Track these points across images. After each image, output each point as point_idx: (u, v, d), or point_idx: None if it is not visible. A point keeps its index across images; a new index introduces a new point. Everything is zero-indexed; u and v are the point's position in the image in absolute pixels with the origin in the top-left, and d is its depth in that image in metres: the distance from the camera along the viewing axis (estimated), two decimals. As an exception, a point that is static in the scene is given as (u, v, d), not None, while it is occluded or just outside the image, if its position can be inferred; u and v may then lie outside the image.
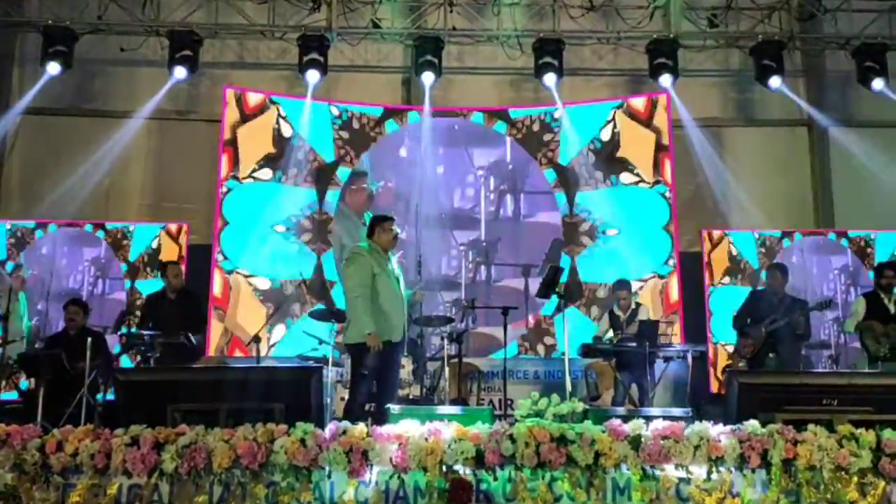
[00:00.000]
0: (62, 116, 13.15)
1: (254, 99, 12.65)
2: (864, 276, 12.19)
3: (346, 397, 7.96)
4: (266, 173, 12.50)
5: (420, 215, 11.78)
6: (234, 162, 12.40)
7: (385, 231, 7.94)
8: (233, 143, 12.43)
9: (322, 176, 12.62)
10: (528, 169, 12.78)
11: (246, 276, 12.12)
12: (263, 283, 12.18)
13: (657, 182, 12.57)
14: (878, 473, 4.92)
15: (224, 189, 12.27)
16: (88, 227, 12.23)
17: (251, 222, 12.27)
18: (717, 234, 12.54)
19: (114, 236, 12.16)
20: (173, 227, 12.21)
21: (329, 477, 4.86)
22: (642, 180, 12.62)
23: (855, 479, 4.90)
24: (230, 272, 12.03)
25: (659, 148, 12.64)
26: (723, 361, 11.43)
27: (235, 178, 12.35)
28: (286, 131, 12.61)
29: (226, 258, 12.05)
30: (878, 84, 12.39)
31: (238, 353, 11.65)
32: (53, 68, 12.12)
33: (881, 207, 12.70)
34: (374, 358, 7.45)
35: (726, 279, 12.32)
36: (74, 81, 12.97)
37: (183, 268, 10.81)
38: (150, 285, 11.00)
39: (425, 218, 11.98)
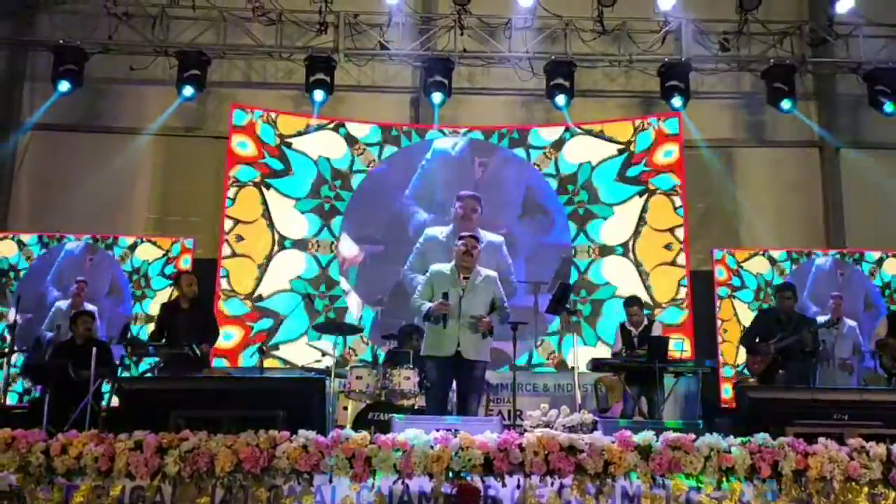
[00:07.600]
0: (71, 133, 13.18)
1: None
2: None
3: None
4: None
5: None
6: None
7: None
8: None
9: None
10: (539, 187, 12.75)
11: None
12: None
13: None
14: (888, 484, 4.87)
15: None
16: (94, 241, 12.21)
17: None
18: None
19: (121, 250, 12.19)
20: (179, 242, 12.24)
21: (331, 481, 4.80)
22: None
23: (866, 489, 4.85)
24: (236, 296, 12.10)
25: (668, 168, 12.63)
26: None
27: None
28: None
29: (234, 291, 12.11)
30: (888, 107, 12.44)
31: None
32: (64, 86, 12.24)
33: (892, 227, 12.75)
34: None
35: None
36: (84, 99, 13.01)
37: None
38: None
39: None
